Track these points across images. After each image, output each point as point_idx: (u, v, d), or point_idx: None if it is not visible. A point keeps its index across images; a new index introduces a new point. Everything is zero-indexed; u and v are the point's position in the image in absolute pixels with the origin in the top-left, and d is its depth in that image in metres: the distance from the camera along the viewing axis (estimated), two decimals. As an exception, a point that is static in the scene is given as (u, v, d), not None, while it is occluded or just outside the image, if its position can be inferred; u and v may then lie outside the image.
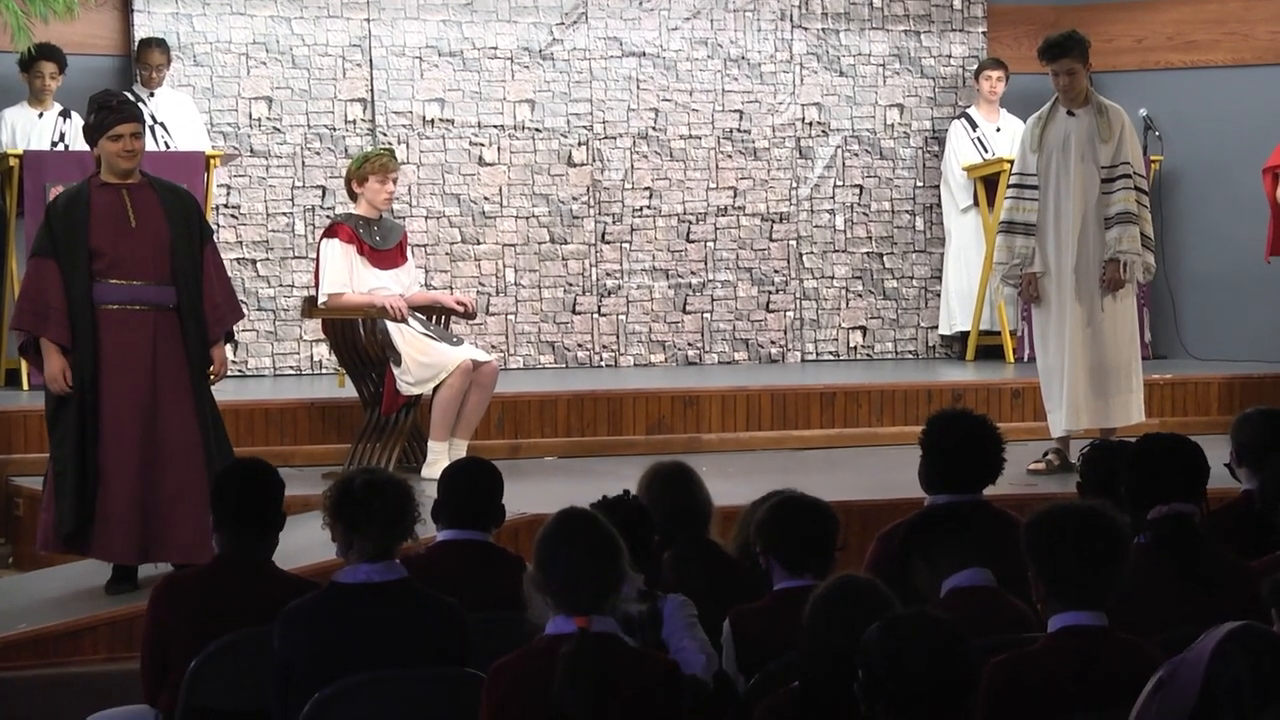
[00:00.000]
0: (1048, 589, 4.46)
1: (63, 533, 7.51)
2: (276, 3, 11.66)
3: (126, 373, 7.52)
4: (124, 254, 7.54)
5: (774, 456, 10.06)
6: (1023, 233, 9.31)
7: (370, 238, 9.33)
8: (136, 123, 7.64)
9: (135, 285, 7.57)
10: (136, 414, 7.52)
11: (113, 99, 7.78)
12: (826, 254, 12.60)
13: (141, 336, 7.56)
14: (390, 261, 9.40)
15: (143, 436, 7.53)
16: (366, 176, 9.31)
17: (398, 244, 9.47)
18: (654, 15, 12.30)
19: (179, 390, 7.59)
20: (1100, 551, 4.43)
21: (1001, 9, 12.97)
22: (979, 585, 5.05)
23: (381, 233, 9.41)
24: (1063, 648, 4.39)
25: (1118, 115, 9.27)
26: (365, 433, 9.26)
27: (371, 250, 9.32)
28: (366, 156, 9.43)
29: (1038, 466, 9.26)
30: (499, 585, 5.53)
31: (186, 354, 7.61)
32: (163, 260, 7.59)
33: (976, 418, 6.02)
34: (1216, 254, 12.42)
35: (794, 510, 5.27)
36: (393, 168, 9.42)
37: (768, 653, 4.90)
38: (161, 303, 7.59)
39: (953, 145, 12.48)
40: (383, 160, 9.38)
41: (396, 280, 9.40)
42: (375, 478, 5.19)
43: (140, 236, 7.56)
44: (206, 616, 5.36)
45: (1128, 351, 9.31)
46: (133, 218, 7.56)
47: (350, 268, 9.27)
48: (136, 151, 7.61)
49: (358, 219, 9.35)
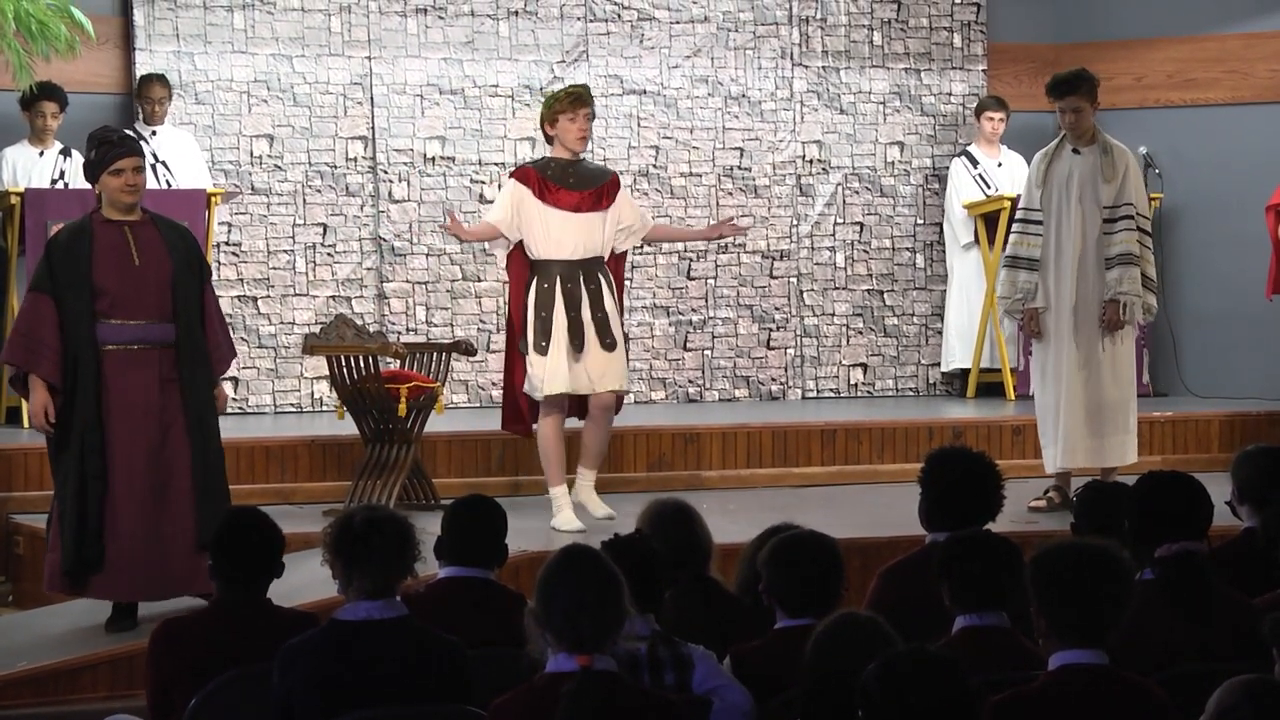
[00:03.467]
0: (1049, 626, 4.45)
1: (64, 571, 7.50)
2: (278, 41, 11.69)
3: (134, 414, 7.49)
4: (128, 293, 7.51)
5: (775, 494, 10.05)
6: (1026, 267, 9.32)
7: (563, 179, 8.90)
8: (137, 157, 7.63)
9: (138, 325, 7.55)
10: (144, 455, 7.50)
11: (113, 134, 7.79)
12: (827, 291, 12.61)
13: (146, 376, 7.53)
14: (585, 204, 8.89)
15: (149, 477, 7.51)
16: (556, 116, 8.90)
17: (599, 188, 8.97)
18: (655, 53, 12.33)
19: (177, 428, 7.58)
20: (1102, 590, 4.42)
21: (1001, 47, 13.01)
22: (991, 625, 5.02)
23: (579, 175, 8.96)
24: (1063, 686, 4.38)
25: (1123, 155, 9.28)
26: (366, 469, 9.25)
27: (562, 191, 8.87)
28: (556, 95, 9.03)
29: (1038, 504, 9.25)
30: (500, 622, 5.52)
31: (182, 390, 7.59)
32: (165, 298, 7.57)
33: (975, 455, 6.01)
34: (1217, 292, 12.43)
35: (797, 552, 5.23)
36: (584, 103, 8.92)
37: (770, 689, 4.90)
38: (163, 340, 7.57)
39: (954, 183, 12.50)
40: (573, 95, 8.95)
41: (589, 225, 8.88)
42: (375, 515, 5.18)
43: (143, 275, 7.54)
44: (207, 659, 5.33)
45: (1125, 392, 9.31)
46: (136, 256, 7.54)
47: (516, 207, 8.84)
48: (138, 186, 7.59)
49: (549, 161, 8.98)
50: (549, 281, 8.84)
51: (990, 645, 4.94)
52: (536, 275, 8.87)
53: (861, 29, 12.71)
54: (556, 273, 8.84)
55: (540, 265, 8.88)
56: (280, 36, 11.69)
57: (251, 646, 5.29)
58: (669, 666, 4.97)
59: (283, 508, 8.99)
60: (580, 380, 8.83)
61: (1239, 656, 4.85)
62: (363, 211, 11.83)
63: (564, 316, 8.81)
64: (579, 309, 8.83)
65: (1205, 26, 12.68)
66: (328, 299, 11.69)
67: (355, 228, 11.81)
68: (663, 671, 4.95)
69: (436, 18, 11.97)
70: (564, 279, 8.84)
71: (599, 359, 8.84)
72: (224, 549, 5.56)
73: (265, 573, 5.55)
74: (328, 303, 11.65)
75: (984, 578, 5.03)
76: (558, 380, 8.79)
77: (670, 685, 4.90)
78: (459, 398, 11.68)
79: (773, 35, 12.54)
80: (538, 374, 8.82)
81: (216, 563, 5.56)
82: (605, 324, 8.87)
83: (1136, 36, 12.84)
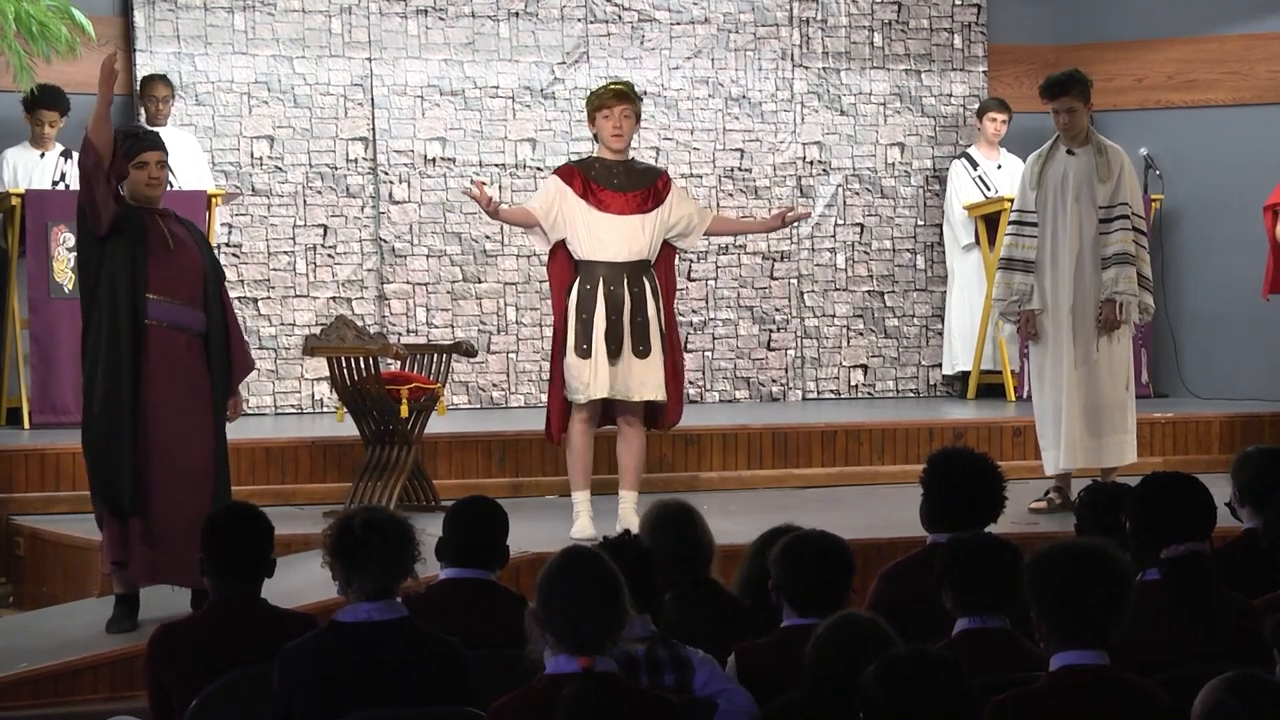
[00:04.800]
0: (1049, 628, 4.45)
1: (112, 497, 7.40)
2: (279, 42, 11.69)
3: (159, 393, 7.48)
4: (166, 275, 7.53)
5: (775, 495, 10.05)
6: (1022, 270, 9.33)
7: (608, 179, 8.71)
8: (160, 151, 7.68)
9: (176, 304, 7.55)
10: (165, 435, 7.48)
11: (137, 129, 7.90)
12: (828, 292, 12.61)
13: (175, 357, 7.53)
14: (631, 206, 8.70)
15: (165, 458, 7.48)
16: (594, 114, 8.74)
17: (646, 189, 8.77)
18: (655, 54, 12.33)
19: (202, 419, 7.58)
20: (1101, 591, 4.42)
21: (1002, 48, 13.01)
22: (992, 628, 5.01)
23: (624, 175, 8.76)
24: (1063, 687, 4.37)
25: (1117, 155, 9.29)
26: (366, 471, 9.25)
27: (606, 192, 8.69)
28: (596, 92, 8.85)
29: (1039, 505, 9.25)
30: (500, 623, 5.52)
31: (210, 384, 7.61)
32: (197, 286, 7.61)
33: (977, 456, 6.01)
34: (1217, 292, 12.43)
35: (808, 553, 5.22)
36: (622, 99, 8.68)
37: (772, 689, 4.90)
38: (194, 328, 7.59)
39: (954, 184, 12.51)
40: (611, 91, 8.74)
41: (633, 227, 8.67)
42: (374, 516, 5.18)
43: (178, 259, 7.58)
44: (206, 662, 5.33)
45: (1122, 392, 9.31)
46: (171, 242, 7.58)
47: (558, 202, 8.65)
48: (161, 180, 7.66)
49: (594, 161, 8.80)
50: (591, 283, 8.63)
51: (991, 647, 4.94)
52: (579, 276, 8.67)
53: (862, 30, 12.71)
54: (600, 274, 8.63)
55: (584, 266, 8.68)
56: (281, 38, 11.69)
57: (250, 648, 5.29)
58: (668, 667, 4.97)
59: (283, 509, 9.00)
60: (621, 386, 8.64)
61: (1242, 658, 4.84)
62: (363, 213, 11.83)
63: (604, 320, 8.61)
64: (621, 313, 8.63)
65: (1206, 28, 12.68)
66: (328, 300, 11.70)
67: (356, 229, 11.81)
68: (662, 673, 4.95)
69: (437, 19, 11.97)
70: (607, 281, 8.63)
71: (637, 366, 8.65)
72: (215, 545, 5.56)
73: (257, 569, 5.55)
74: (328, 304, 11.65)
75: (985, 581, 5.03)
76: (599, 385, 8.60)
77: (669, 686, 4.90)
78: (460, 399, 11.68)
79: (773, 36, 12.54)
80: (579, 377, 8.62)
81: (208, 557, 5.55)
82: (644, 329, 8.65)
83: (1137, 38, 12.84)
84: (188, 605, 7.33)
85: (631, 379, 8.66)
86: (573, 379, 8.64)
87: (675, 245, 8.95)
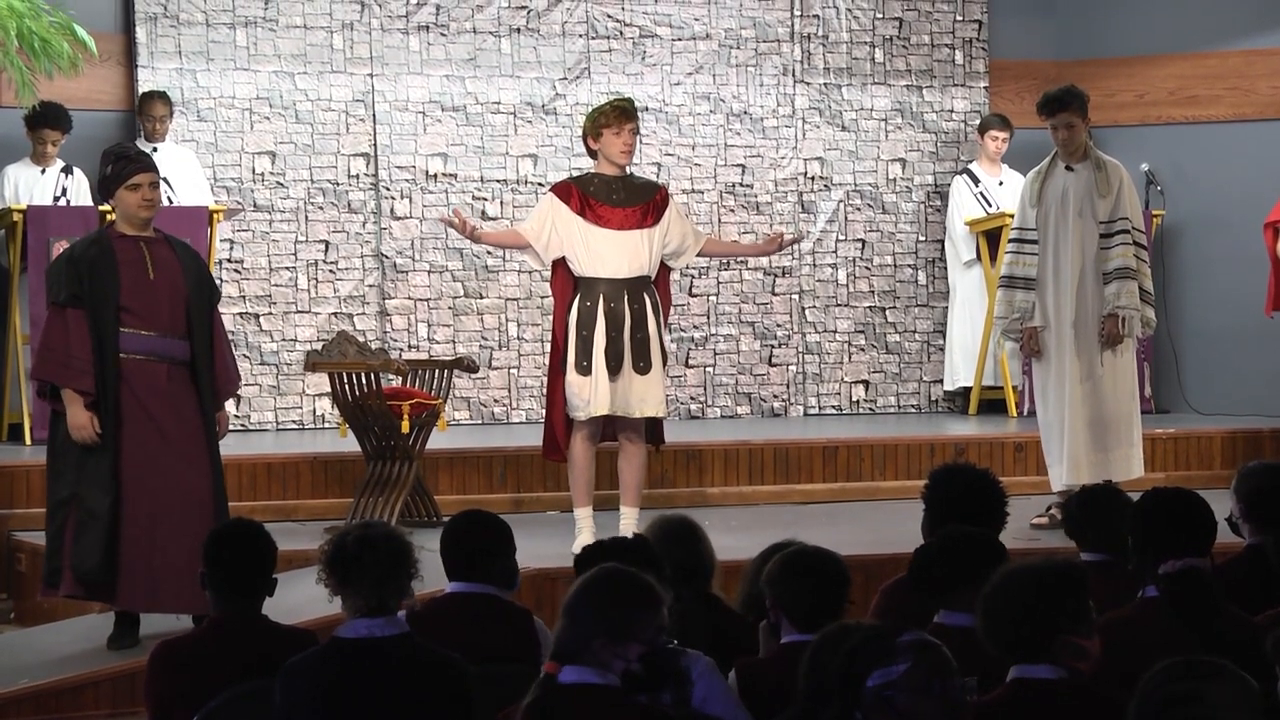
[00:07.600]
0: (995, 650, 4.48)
1: (82, 575, 7.43)
2: (280, 58, 11.71)
3: (143, 423, 7.49)
4: (143, 306, 7.52)
5: (777, 510, 10.04)
6: (1023, 287, 9.33)
7: (607, 195, 8.71)
8: (153, 173, 7.66)
9: (152, 336, 7.54)
10: (152, 464, 7.48)
11: (129, 150, 7.85)
12: (829, 308, 12.61)
13: (157, 388, 7.53)
14: (631, 222, 8.70)
15: (156, 487, 7.48)
16: (600, 130, 8.69)
17: (645, 204, 8.77)
18: (656, 70, 12.35)
19: (195, 446, 7.57)
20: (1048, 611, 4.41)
21: (1003, 63, 13.02)
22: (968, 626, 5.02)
23: (624, 191, 8.77)
24: (1016, 700, 4.39)
25: (1116, 170, 9.29)
26: (367, 486, 9.25)
27: (605, 208, 8.68)
28: (600, 109, 8.83)
29: (1041, 521, 9.24)
30: (504, 638, 5.51)
31: (201, 410, 7.60)
32: (179, 315, 7.58)
33: (979, 471, 6.02)
34: (1218, 308, 12.44)
35: (804, 568, 5.22)
36: (629, 116, 8.70)
37: (773, 705, 4.89)
38: (176, 356, 7.58)
39: (955, 200, 12.52)
40: (618, 109, 8.72)
41: (634, 243, 8.68)
42: (369, 532, 5.15)
43: (158, 289, 7.56)
44: (206, 678, 5.32)
45: (1127, 406, 9.31)
46: (151, 270, 7.56)
47: (551, 222, 8.65)
48: (154, 202, 7.63)
49: (592, 177, 8.80)
50: (592, 300, 8.63)
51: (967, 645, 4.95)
52: (580, 293, 8.67)
53: (863, 46, 12.72)
54: (600, 291, 8.63)
55: (584, 283, 8.67)
56: (282, 53, 11.71)
57: (251, 664, 5.28)
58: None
59: (284, 524, 9.00)
60: (621, 402, 8.64)
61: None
62: (365, 228, 11.84)
63: (604, 337, 8.61)
64: (621, 329, 8.62)
65: (1207, 44, 12.69)
66: (329, 316, 11.70)
67: (357, 244, 11.82)
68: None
69: (439, 35, 11.99)
70: (608, 298, 8.63)
71: (637, 383, 8.65)
72: (218, 559, 5.56)
73: (258, 586, 5.54)
74: (329, 319, 11.66)
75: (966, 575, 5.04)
76: (600, 402, 8.60)
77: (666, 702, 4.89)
78: (461, 414, 11.68)
79: (774, 52, 12.55)
80: (580, 394, 8.62)
81: (210, 574, 5.55)
82: (644, 346, 8.66)
83: (1138, 53, 12.85)
84: (189, 622, 7.32)
85: (632, 395, 8.66)
86: (574, 396, 8.64)
87: (667, 264, 8.95)
